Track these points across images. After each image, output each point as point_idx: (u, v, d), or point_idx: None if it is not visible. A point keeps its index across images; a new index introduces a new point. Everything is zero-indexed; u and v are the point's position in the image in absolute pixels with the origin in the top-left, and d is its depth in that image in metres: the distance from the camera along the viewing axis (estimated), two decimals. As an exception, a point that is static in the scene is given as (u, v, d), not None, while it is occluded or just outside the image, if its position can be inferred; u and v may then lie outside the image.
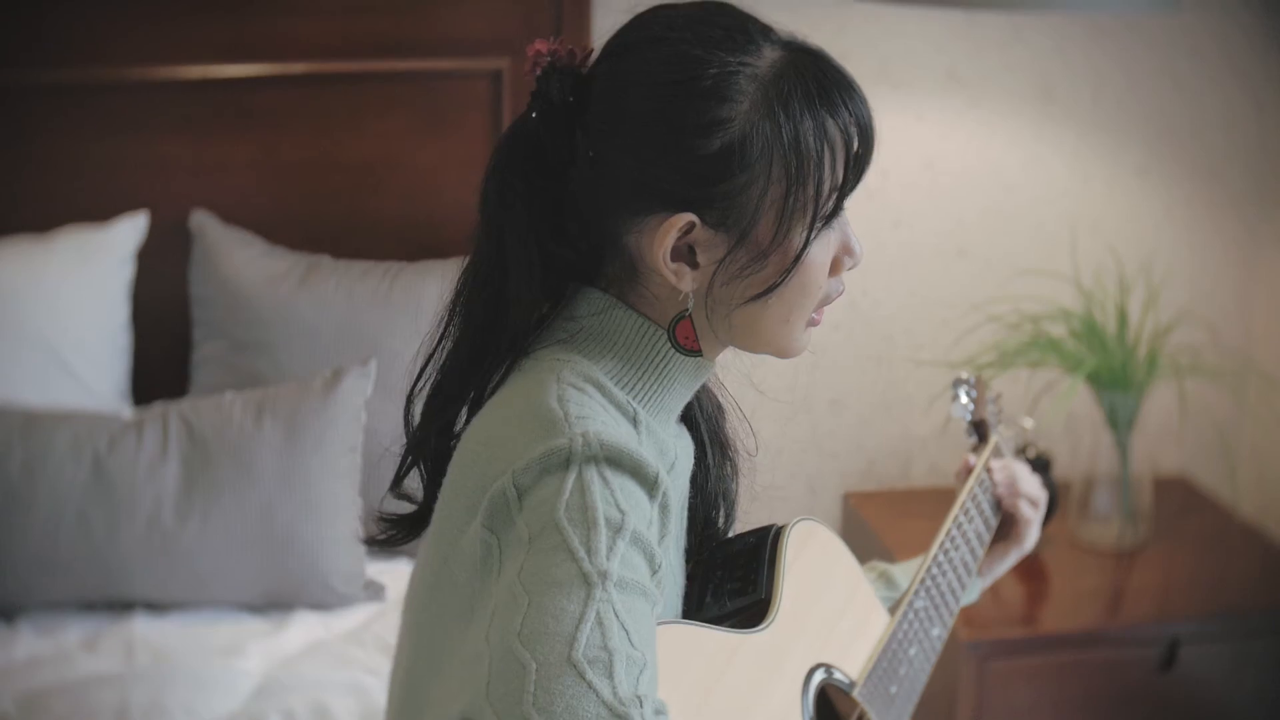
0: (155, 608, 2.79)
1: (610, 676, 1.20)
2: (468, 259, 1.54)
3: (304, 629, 2.77)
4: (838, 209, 1.47)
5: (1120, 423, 3.20)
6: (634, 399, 1.50)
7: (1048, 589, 3.16)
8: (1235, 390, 3.58)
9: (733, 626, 1.57)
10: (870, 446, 3.61)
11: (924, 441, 3.60)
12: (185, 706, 2.44)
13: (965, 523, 1.99)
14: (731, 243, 1.44)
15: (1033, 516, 2.08)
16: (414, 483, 1.60)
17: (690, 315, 1.50)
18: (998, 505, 2.07)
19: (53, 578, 2.72)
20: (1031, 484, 2.08)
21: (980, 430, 2.19)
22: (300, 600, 2.81)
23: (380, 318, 3.00)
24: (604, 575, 1.26)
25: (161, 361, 3.17)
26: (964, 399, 2.20)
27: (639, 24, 1.49)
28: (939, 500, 2.79)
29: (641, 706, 1.19)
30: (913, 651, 1.82)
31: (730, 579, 1.65)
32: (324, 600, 2.81)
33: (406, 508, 1.62)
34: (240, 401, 2.83)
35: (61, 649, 2.67)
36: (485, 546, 1.34)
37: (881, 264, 3.48)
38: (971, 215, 3.48)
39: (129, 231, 3.07)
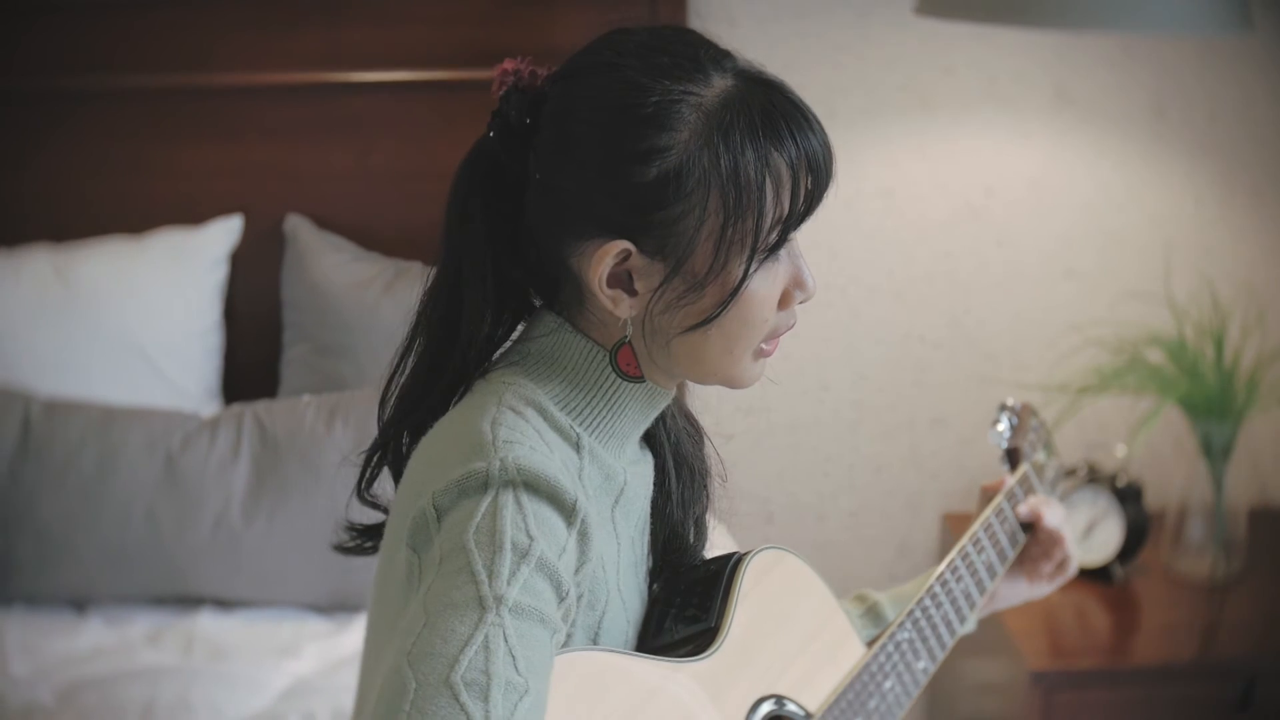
0: (223, 605, 2.85)
1: (485, 700, 1.20)
2: (430, 277, 1.56)
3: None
4: (781, 242, 1.45)
5: (1214, 451, 3.11)
6: (579, 423, 1.50)
7: (1131, 620, 3.09)
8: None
9: (681, 655, 1.56)
10: (972, 467, 3.55)
11: (1026, 464, 3.54)
12: (211, 704, 2.49)
13: (974, 554, 1.95)
14: (667, 271, 1.43)
15: (1052, 554, 2.03)
16: (386, 491, 1.62)
17: (630, 342, 1.49)
18: (1017, 537, 2.03)
19: (121, 571, 2.79)
20: (1052, 525, 2.02)
21: (1013, 459, 2.15)
22: (364, 602, 2.85)
23: (461, 325, 3.03)
24: (499, 600, 1.27)
25: (254, 363, 3.24)
26: (1001, 426, 2.15)
27: (593, 48, 1.50)
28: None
29: None
30: (888, 685, 1.78)
31: (688, 606, 1.64)
32: (388, 602, 2.84)
33: (375, 517, 1.64)
34: (315, 405, 2.88)
35: (125, 641, 2.75)
36: (409, 565, 1.36)
37: (985, 283, 3.43)
38: (1078, 236, 3.41)
39: (222, 234, 3.13)
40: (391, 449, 1.58)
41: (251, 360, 3.24)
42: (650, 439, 1.66)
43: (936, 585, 1.89)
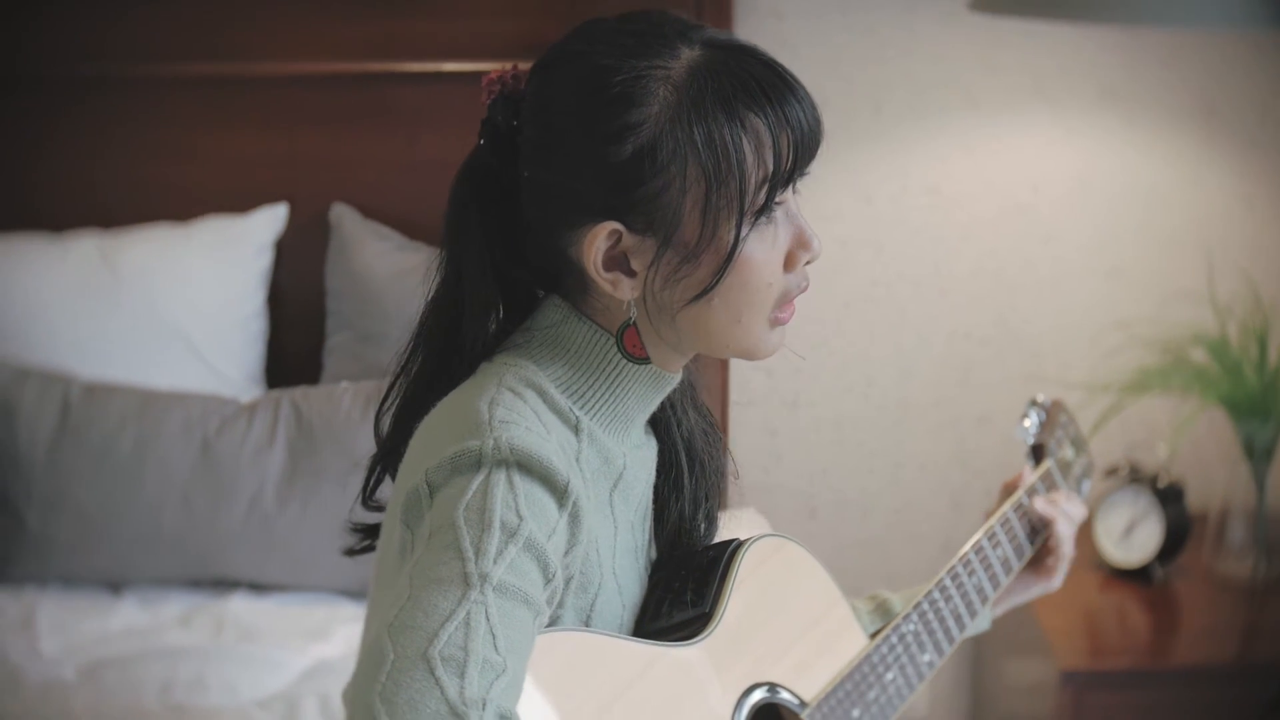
0: (257, 588, 2.88)
1: (461, 676, 1.21)
2: (432, 288, 1.58)
3: (397, 614, 2.83)
4: (769, 203, 1.46)
5: (1257, 453, 3.08)
6: (579, 406, 1.52)
7: (1170, 620, 3.07)
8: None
9: (673, 639, 1.56)
10: (1017, 466, 3.50)
11: (1071, 464, 3.51)
12: (228, 684, 2.52)
13: (988, 548, 1.95)
14: (659, 246, 1.45)
15: (1063, 553, 2.02)
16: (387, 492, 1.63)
17: (635, 324, 1.50)
18: (1035, 533, 2.03)
19: (156, 553, 2.82)
20: (1067, 523, 2.02)
21: (1037, 455, 2.14)
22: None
23: (501, 315, 3.05)
24: (484, 578, 1.28)
25: (298, 351, 3.27)
26: (1028, 422, 2.15)
27: (563, 41, 1.52)
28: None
29: (484, 709, 1.20)
30: (890, 676, 1.77)
31: (685, 591, 1.64)
32: (420, 587, 2.87)
33: (378, 517, 1.66)
34: (351, 391, 2.90)
35: (157, 622, 2.78)
36: (402, 542, 1.38)
37: (1030, 281, 3.41)
38: (1125, 234, 3.39)
39: (267, 222, 3.16)
40: (392, 459, 1.60)
41: (295, 348, 3.26)
42: (660, 430, 1.67)
43: (947, 579, 1.89)
